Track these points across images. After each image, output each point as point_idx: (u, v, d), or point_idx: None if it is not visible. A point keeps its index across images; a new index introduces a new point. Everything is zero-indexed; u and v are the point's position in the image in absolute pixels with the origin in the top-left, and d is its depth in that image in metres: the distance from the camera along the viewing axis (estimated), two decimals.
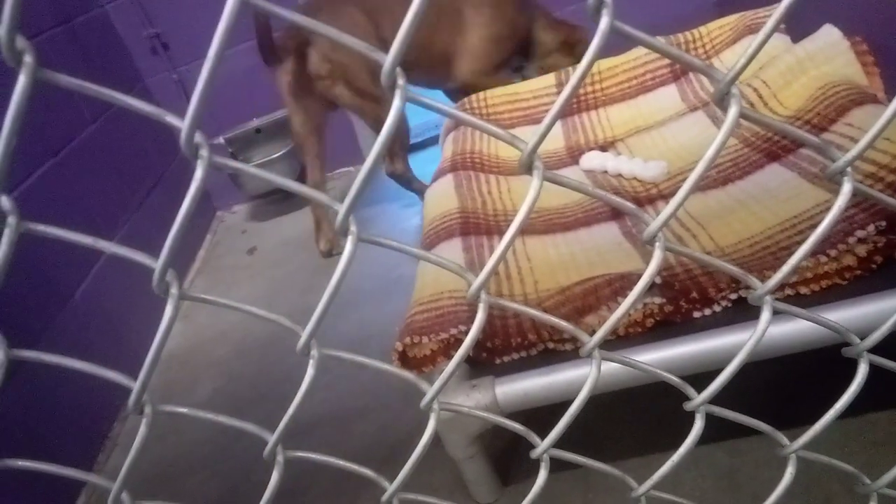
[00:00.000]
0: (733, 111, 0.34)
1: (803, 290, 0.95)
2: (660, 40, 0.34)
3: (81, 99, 2.01)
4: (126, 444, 1.64)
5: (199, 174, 0.32)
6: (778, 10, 0.34)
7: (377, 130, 2.02)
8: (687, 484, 1.02)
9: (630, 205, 0.38)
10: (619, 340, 0.99)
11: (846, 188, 0.37)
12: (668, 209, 0.36)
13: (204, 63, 0.31)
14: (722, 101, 0.35)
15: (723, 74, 0.34)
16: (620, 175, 1.47)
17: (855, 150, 0.36)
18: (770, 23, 0.33)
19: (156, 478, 1.48)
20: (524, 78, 2.10)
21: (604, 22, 0.31)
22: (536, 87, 1.84)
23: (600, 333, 0.40)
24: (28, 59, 0.30)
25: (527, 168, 0.36)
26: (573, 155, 1.62)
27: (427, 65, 2.01)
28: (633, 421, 1.16)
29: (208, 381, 1.77)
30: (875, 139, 0.37)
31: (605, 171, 1.50)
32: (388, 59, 0.31)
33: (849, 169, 0.37)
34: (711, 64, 1.69)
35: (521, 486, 1.12)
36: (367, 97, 1.91)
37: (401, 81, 0.32)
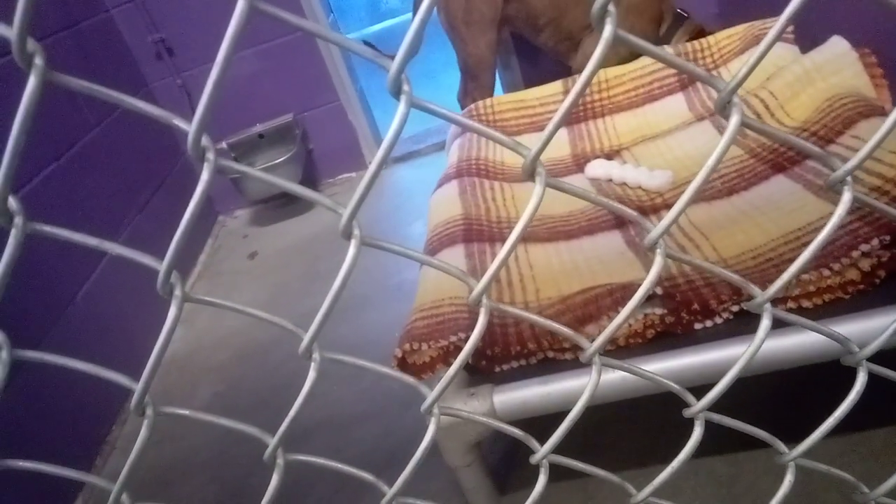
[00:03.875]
0: (734, 120, 0.34)
1: (805, 303, 0.94)
2: (666, 49, 0.34)
3: (84, 103, 2.02)
4: (124, 448, 1.64)
5: (205, 176, 0.33)
6: (779, 22, 0.34)
7: (460, 65, 2.15)
8: (686, 492, 1.02)
9: (631, 211, 0.38)
10: (619, 351, 0.99)
11: (846, 197, 0.37)
12: (668, 216, 0.36)
13: (212, 68, 0.31)
14: (724, 109, 0.35)
15: (724, 83, 0.34)
16: (625, 184, 1.46)
17: (855, 159, 0.36)
18: (771, 34, 0.33)
19: (153, 482, 1.48)
20: None
21: (607, 30, 0.32)
22: (543, 94, 1.84)
23: (601, 338, 0.41)
24: (38, 61, 0.30)
25: (529, 174, 0.36)
26: (578, 163, 1.62)
27: (554, 34, 2.08)
28: (632, 430, 1.16)
29: (208, 386, 1.77)
30: (876, 149, 0.37)
31: (611, 180, 1.49)
32: (392, 67, 0.32)
33: (849, 178, 0.37)
34: (720, 74, 1.69)
35: (518, 496, 1.12)
36: (456, 31, 2.09)
37: (406, 88, 0.33)
